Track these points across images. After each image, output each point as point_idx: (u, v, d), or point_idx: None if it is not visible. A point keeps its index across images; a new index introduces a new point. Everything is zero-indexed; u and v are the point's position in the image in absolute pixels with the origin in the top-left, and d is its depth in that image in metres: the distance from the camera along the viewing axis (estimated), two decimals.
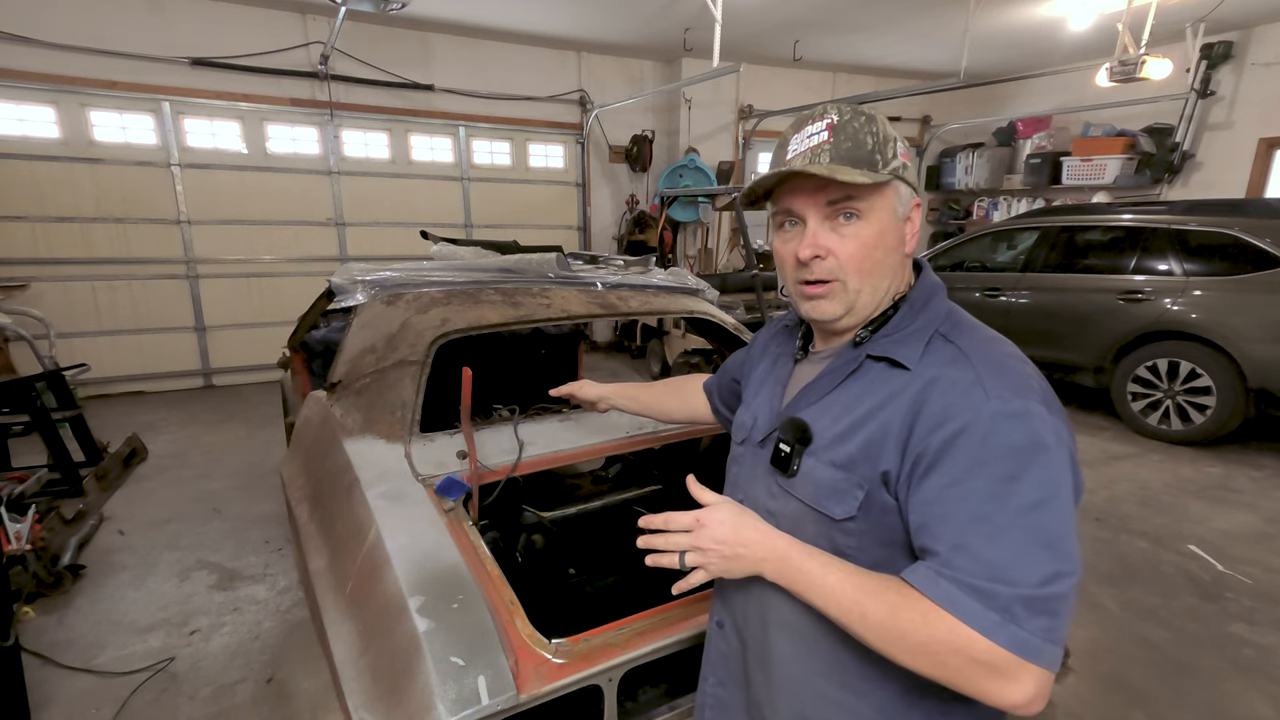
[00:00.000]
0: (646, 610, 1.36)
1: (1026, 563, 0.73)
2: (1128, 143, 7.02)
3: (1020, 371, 0.84)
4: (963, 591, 0.73)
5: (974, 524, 0.75)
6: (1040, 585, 0.72)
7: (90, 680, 2.35)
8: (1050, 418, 0.79)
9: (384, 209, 6.82)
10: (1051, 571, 0.72)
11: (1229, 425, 4.42)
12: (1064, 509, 0.75)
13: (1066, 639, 0.75)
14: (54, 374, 4.26)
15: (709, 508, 0.93)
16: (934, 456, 0.79)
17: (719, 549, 0.89)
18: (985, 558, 0.74)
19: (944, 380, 0.83)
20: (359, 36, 6.19)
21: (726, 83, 7.64)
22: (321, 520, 1.77)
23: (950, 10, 5.65)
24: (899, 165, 0.88)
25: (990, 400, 0.79)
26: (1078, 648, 2.47)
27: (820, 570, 0.84)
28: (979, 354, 0.85)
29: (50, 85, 5.30)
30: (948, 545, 0.76)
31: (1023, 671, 0.71)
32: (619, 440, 1.92)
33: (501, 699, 1.11)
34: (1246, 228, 4.35)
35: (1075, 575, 0.73)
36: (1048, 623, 0.72)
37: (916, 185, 0.92)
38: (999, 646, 0.71)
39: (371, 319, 2.16)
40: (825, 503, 0.89)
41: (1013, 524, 0.74)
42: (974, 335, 0.89)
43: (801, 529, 0.92)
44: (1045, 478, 0.75)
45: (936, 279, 0.96)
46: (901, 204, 0.90)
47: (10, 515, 2.87)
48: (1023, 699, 0.72)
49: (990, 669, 0.72)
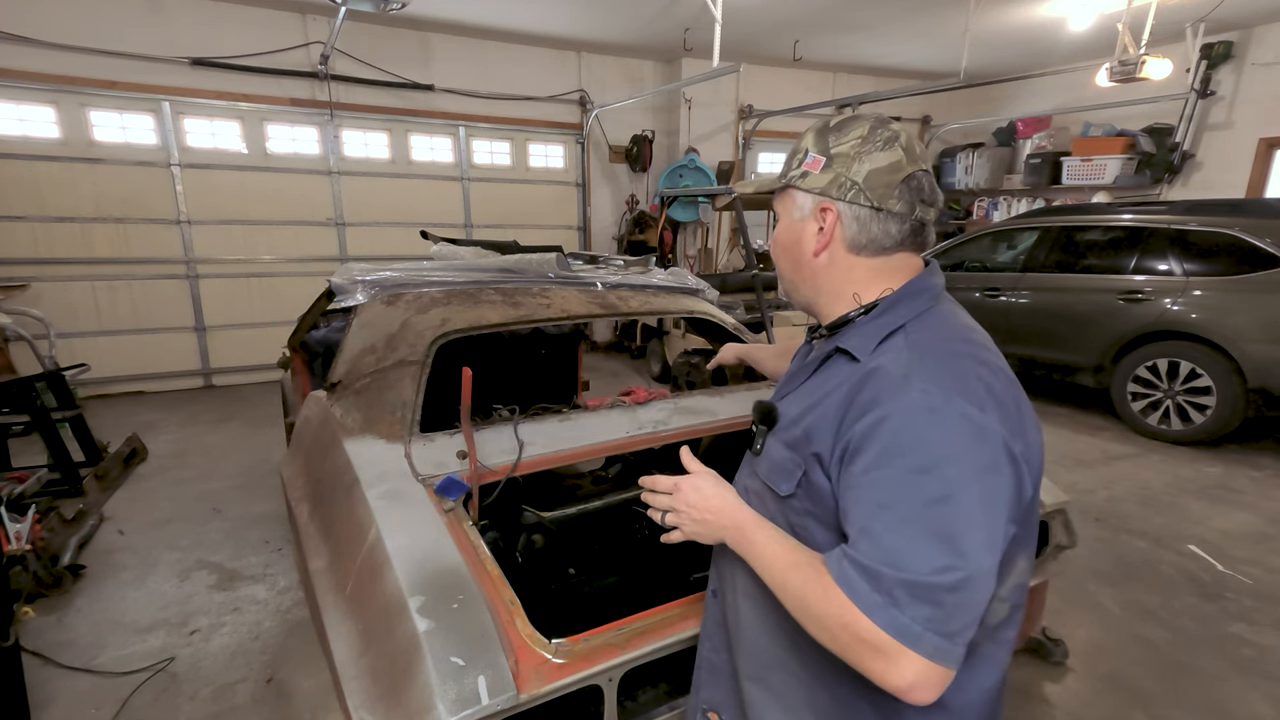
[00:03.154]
0: (646, 610, 1.36)
1: (918, 552, 0.75)
2: (1128, 143, 7.03)
3: (960, 369, 0.84)
4: (857, 572, 0.77)
5: (879, 510, 0.79)
6: (927, 574, 0.74)
7: (90, 680, 2.35)
8: (980, 416, 0.80)
9: (384, 209, 6.82)
10: (941, 564, 0.74)
11: (1229, 425, 4.42)
12: (969, 506, 0.77)
13: (962, 637, 0.75)
14: (54, 374, 4.26)
15: (689, 476, 1.04)
16: (857, 444, 0.83)
17: (689, 512, 1.00)
18: (883, 543, 0.77)
19: (879, 371, 0.86)
20: (359, 36, 6.19)
21: (726, 83, 7.64)
22: (322, 520, 1.77)
23: (950, 10, 5.65)
24: (795, 174, 0.97)
25: (912, 393, 0.81)
26: (1078, 648, 2.47)
27: (763, 541, 0.92)
28: (922, 349, 0.86)
29: (50, 85, 5.31)
30: (855, 529, 0.81)
31: (901, 656, 0.74)
32: (619, 440, 1.92)
33: (501, 699, 1.11)
34: (1246, 228, 4.35)
35: (964, 571, 0.75)
36: (928, 611, 0.74)
37: (827, 189, 0.93)
38: (878, 627, 0.75)
39: (371, 319, 2.16)
40: (775, 479, 0.96)
41: (914, 515, 0.77)
42: (933, 332, 0.89)
43: (764, 505, 0.99)
44: (953, 474, 0.77)
45: (926, 283, 0.95)
46: (796, 209, 0.98)
47: (10, 515, 2.87)
48: (902, 683, 0.75)
49: (873, 649, 0.76)
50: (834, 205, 0.93)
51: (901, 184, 0.91)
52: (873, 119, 0.94)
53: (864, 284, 0.95)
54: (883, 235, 0.93)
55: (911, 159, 0.92)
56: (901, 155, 0.91)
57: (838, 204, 0.93)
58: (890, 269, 0.95)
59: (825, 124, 0.96)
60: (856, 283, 0.96)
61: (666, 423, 2.03)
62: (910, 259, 0.96)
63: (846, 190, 0.92)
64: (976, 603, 0.76)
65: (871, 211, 0.92)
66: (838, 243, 0.95)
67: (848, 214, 0.93)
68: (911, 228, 0.93)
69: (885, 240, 0.93)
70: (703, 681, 1.17)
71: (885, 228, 0.92)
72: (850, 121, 0.94)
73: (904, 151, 0.91)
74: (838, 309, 0.98)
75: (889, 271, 0.95)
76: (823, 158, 0.94)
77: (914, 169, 0.92)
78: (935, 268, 0.99)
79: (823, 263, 0.97)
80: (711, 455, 2.53)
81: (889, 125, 0.93)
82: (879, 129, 0.92)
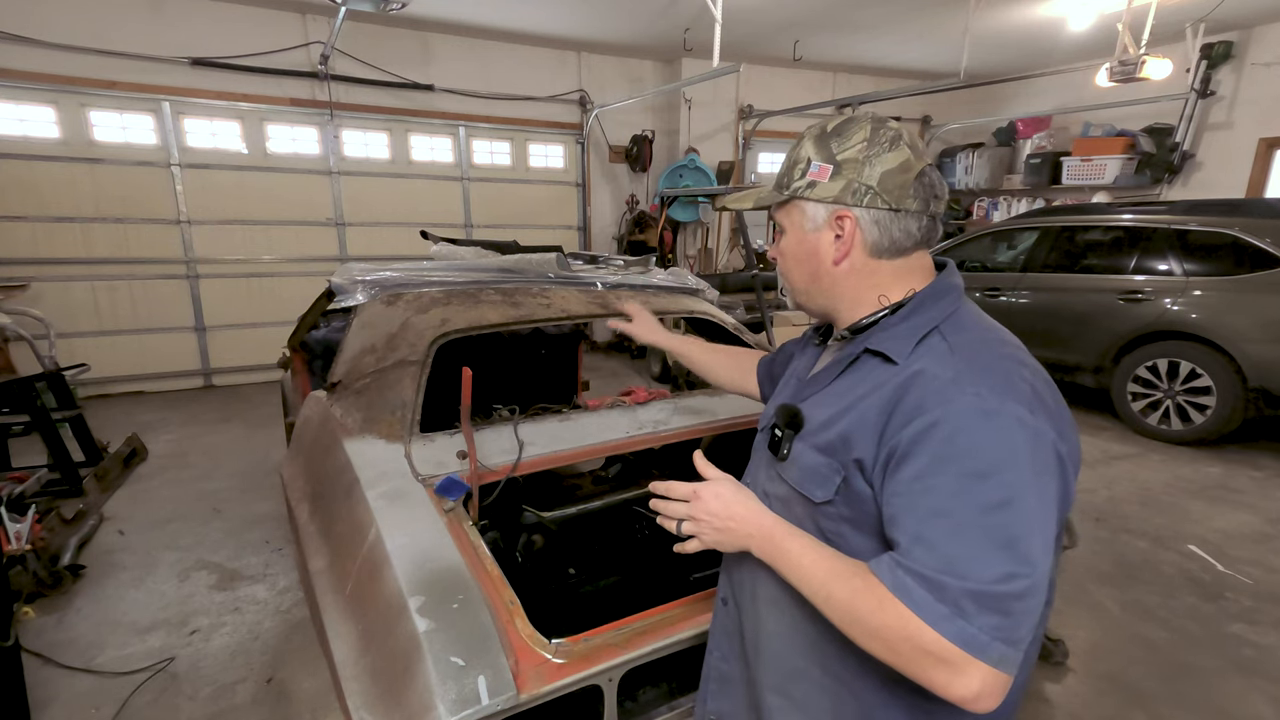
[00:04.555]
0: (646, 610, 1.36)
1: (981, 560, 0.74)
2: (1128, 143, 7.02)
3: (1007, 371, 0.83)
4: (916, 582, 0.75)
5: (935, 518, 0.77)
6: (993, 583, 0.73)
7: (90, 680, 2.35)
8: (1031, 419, 0.79)
9: (384, 209, 6.82)
10: (1006, 571, 0.73)
11: (1229, 425, 4.42)
12: (1028, 511, 0.75)
13: (1025, 642, 0.75)
14: (54, 374, 4.26)
15: (708, 482, 0.99)
16: (905, 449, 0.80)
17: (710, 520, 0.96)
18: (942, 551, 0.75)
19: (924, 375, 0.83)
20: (359, 36, 6.19)
21: (726, 83, 7.64)
22: (322, 520, 1.77)
23: (950, 10, 5.65)
24: (801, 185, 0.95)
25: (965, 396, 0.79)
26: (1078, 648, 2.47)
27: (798, 550, 0.88)
28: (966, 351, 0.85)
29: (50, 85, 5.30)
30: (909, 537, 0.78)
31: (969, 666, 0.72)
32: (619, 440, 1.92)
33: (501, 699, 1.11)
34: (1246, 228, 4.35)
35: (1030, 578, 0.74)
36: (997, 620, 0.73)
37: (841, 197, 0.92)
38: (944, 639, 0.73)
39: (371, 319, 2.16)
40: (808, 485, 0.93)
41: (973, 521, 0.75)
42: (971, 333, 0.89)
43: (790, 511, 0.96)
44: (1012, 479, 0.76)
45: (950, 282, 0.95)
46: (808, 220, 0.96)
47: (10, 515, 2.87)
48: (969, 694, 0.73)
49: (937, 660, 0.74)
50: (851, 212, 0.92)
51: (915, 182, 0.90)
52: (870, 120, 0.93)
53: (888, 286, 0.94)
54: (904, 236, 0.92)
55: (918, 155, 0.91)
56: (909, 153, 0.90)
57: (855, 210, 0.91)
58: (911, 269, 0.95)
59: (823, 130, 0.95)
60: (880, 286, 0.95)
61: (666, 423, 2.03)
62: (926, 257, 0.96)
63: (863, 195, 0.90)
64: (1038, 608, 0.75)
65: (891, 214, 0.91)
66: (858, 249, 0.93)
67: (866, 219, 0.91)
68: (928, 224, 0.93)
69: (906, 241, 0.92)
70: (710, 692, 1.15)
71: (906, 228, 0.92)
72: (849, 124, 0.93)
73: (910, 149, 0.91)
74: (860, 312, 0.96)
75: (910, 271, 0.94)
76: (830, 165, 0.92)
77: (922, 165, 0.91)
78: (953, 268, 0.98)
79: (844, 271, 0.95)
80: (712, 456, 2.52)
81: (888, 124, 0.92)
82: (880, 129, 0.91)
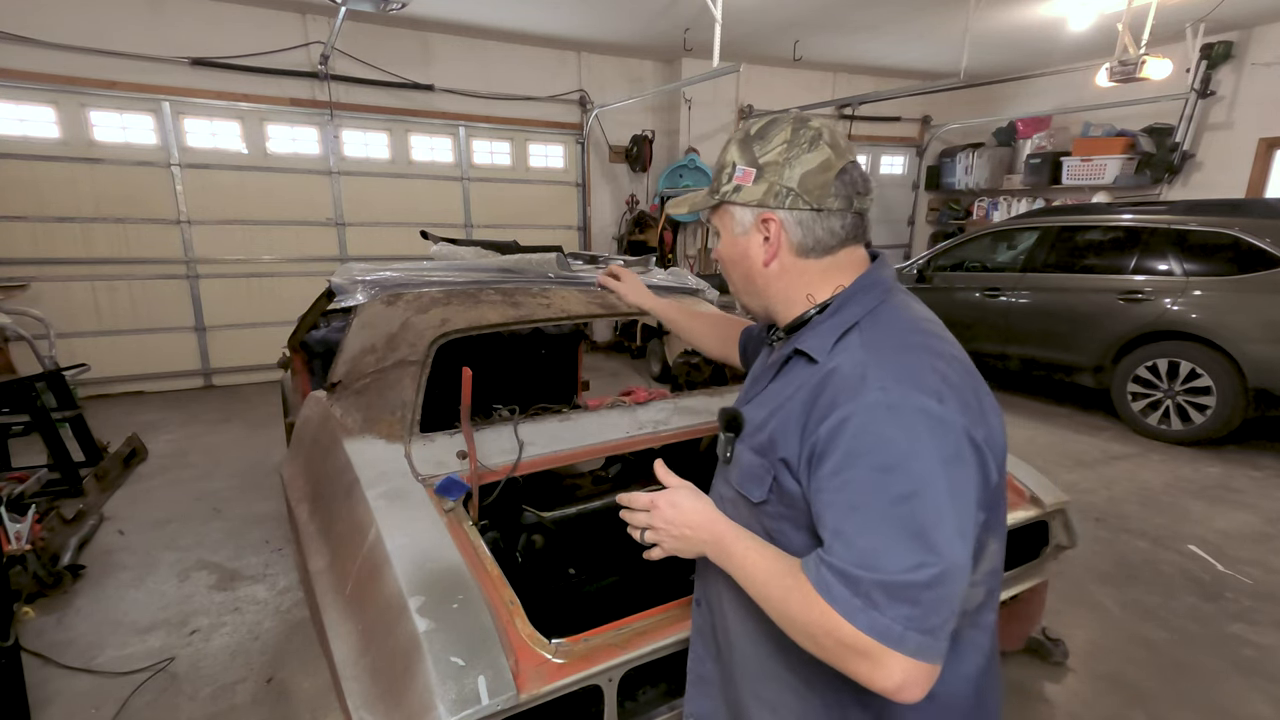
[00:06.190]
0: (646, 610, 1.36)
1: (891, 551, 0.75)
2: (1128, 143, 7.02)
3: (915, 363, 0.84)
4: (835, 577, 0.77)
5: (850, 512, 0.79)
6: (902, 573, 0.74)
7: (90, 680, 2.35)
8: (939, 408, 0.79)
9: (384, 209, 6.82)
10: (915, 561, 0.74)
11: (1229, 425, 4.42)
12: (937, 500, 0.76)
13: (942, 631, 0.75)
14: (54, 374, 4.26)
15: (666, 491, 1.02)
16: (823, 447, 0.83)
17: (668, 528, 0.99)
18: (857, 545, 0.77)
19: (838, 372, 0.85)
20: (359, 36, 6.19)
21: (726, 83, 7.64)
22: (322, 520, 1.77)
23: (950, 10, 5.65)
24: (728, 190, 0.97)
25: (871, 392, 0.81)
26: (1078, 648, 2.47)
27: (742, 552, 0.91)
28: (877, 346, 0.86)
29: (50, 85, 5.30)
30: (830, 532, 0.80)
31: (886, 657, 0.74)
32: (619, 440, 1.92)
33: (501, 699, 1.11)
34: (1246, 228, 4.34)
35: (939, 567, 0.74)
36: (908, 610, 0.74)
37: (765, 200, 0.93)
38: (860, 631, 0.75)
39: (371, 319, 2.16)
40: (747, 486, 0.96)
41: (883, 514, 0.76)
42: (887, 328, 0.89)
43: (738, 513, 0.99)
44: (919, 469, 0.77)
45: (875, 278, 0.95)
46: (737, 224, 0.98)
47: (10, 515, 2.87)
48: (890, 684, 0.75)
49: (857, 653, 0.76)
50: (775, 214, 0.93)
51: (836, 180, 0.91)
52: (792, 119, 0.94)
53: (816, 285, 0.96)
54: (827, 235, 0.93)
55: (839, 153, 0.91)
56: (829, 152, 0.91)
57: (778, 212, 0.93)
58: (839, 266, 0.96)
59: (746, 133, 0.96)
60: (809, 285, 0.96)
61: (666, 423, 2.03)
62: (856, 252, 0.97)
63: (784, 197, 0.92)
64: (953, 595, 0.76)
65: (813, 214, 0.92)
66: (785, 250, 0.95)
67: (790, 220, 0.93)
68: (853, 221, 0.94)
69: (831, 239, 0.94)
70: (690, 694, 1.17)
71: (829, 226, 0.93)
72: (771, 126, 0.94)
73: (830, 148, 0.91)
74: (793, 312, 0.98)
75: (839, 268, 0.96)
76: (753, 169, 0.93)
77: (843, 162, 0.91)
78: (884, 260, 0.99)
79: (774, 271, 0.97)
80: (711, 455, 2.53)
81: (809, 123, 0.93)
82: (801, 129, 0.92)
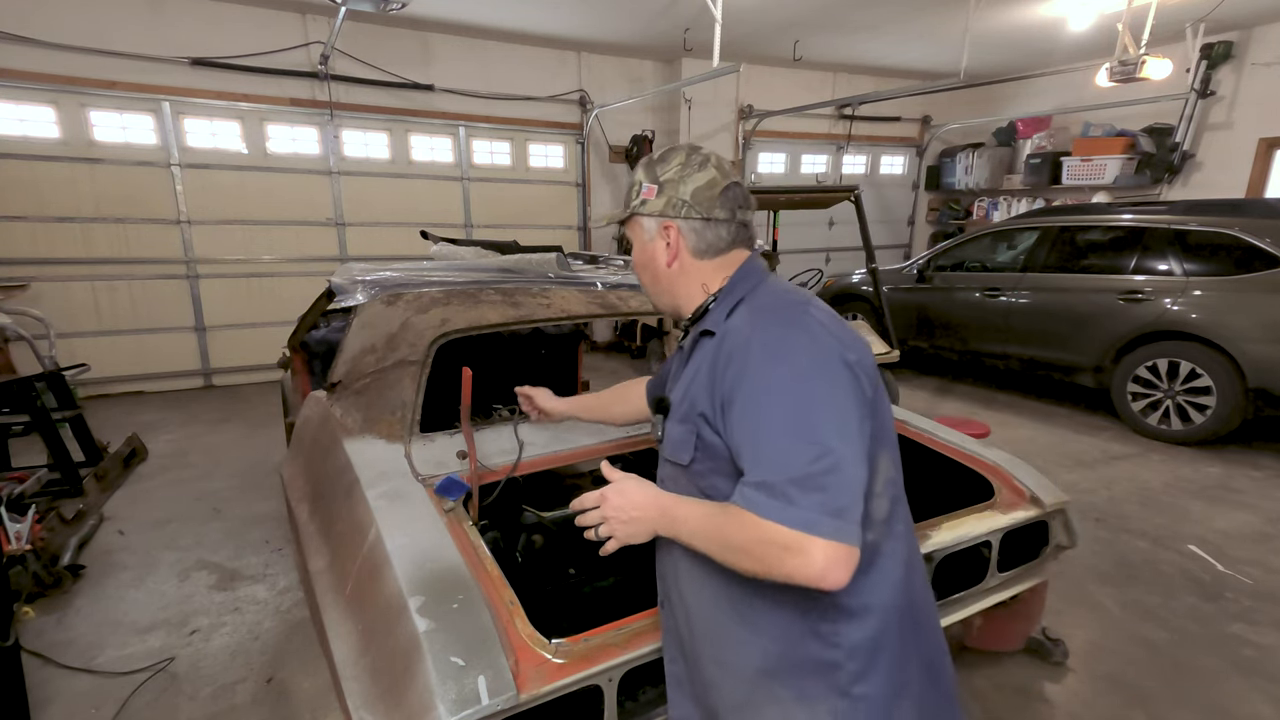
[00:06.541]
0: (646, 610, 1.36)
1: (793, 452, 0.89)
2: (1128, 143, 7.03)
3: (791, 313, 1.02)
4: (755, 490, 0.90)
5: (754, 435, 0.94)
6: (805, 466, 0.88)
7: (90, 680, 2.35)
8: (813, 341, 0.97)
9: (384, 209, 6.82)
10: (812, 455, 0.88)
11: (1229, 425, 4.42)
12: (821, 406, 0.92)
13: (851, 513, 0.87)
14: (54, 374, 4.26)
15: (611, 484, 1.11)
16: (728, 394, 0.99)
17: (617, 515, 1.08)
18: (766, 459, 0.91)
19: (730, 333, 1.04)
20: (359, 36, 6.19)
21: (726, 83, 7.64)
22: (322, 520, 1.77)
23: (950, 10, 5.65)
24: (636, 204, 1.16)
25: (756, 339, 0.99)
26: (1078, 648, 2.47)
27: (684, 513, 1.02)
28: (760, 309, 1.05)
29: (50, 85, 5.30)
30: (747, 460, 0.95)
31: (808, 544, 0.85)
32: (619, 440, 1.92)
33: (501, 699, 1.11)
34: (1246, 228, 4.34)
35: (834, 456, 0.88)
36: (819, 498, 0.86)
37: (665, 211, 1.12)
38: (783, 526, 0.86)
39: (371, 319, 2.16)
40: (677, 453, 1.10)
41: (781, 427, 0.92)
42: (766, 298, 1.07)
43: (677, 484, 1.12)
44: (803, 388, 0.93)
45: (750, 267, 1.14)
46: (645, 232, 1.17)
47: (10, 515, 2.87)
48: (815, 570, 0.85)
49: (784, 549, 0.86)
50: (673, 223, 1.13)
51: (721, 195, 1.11)
52: (686, 148, 1.15)
53: (711, 279, 1.15)
54: (716, 239, 1.13)
55: (724, 174, 1.12)
56: (715, 173, 1.12)
57: (676, 221, 1.12)
58: (728, 264, 1.15)
59: (650, 159, 1.16)
60: (705, 280, 1.15)
61: None
62: (742, 253, 1.16)
63: (680, 208, 1.11)
64: (853, 481, 0.89)
65: (703, 222, 1.11)
66: (684, 252, 1.14)
67: (685, 227, 1.12)
68: (737, 229, 1.13)
69: (720, 243, 1.13)
70: (670, 699, 1.20)
71: (717, 232, 1.12)
72: (670, 153, 1.15)
73: (716, 169, 1.12)
74: (694, 303, 1.17)
75: (729, 266, 1.15)
76: (655, 185, 1.13)
77: (727, 181, 1.12)
78: (756, 254, 1.19)
79: (675, 271, 1.16)
80: None
81: (700, 151, 1.14)
82: (693, 155, 1.13)
